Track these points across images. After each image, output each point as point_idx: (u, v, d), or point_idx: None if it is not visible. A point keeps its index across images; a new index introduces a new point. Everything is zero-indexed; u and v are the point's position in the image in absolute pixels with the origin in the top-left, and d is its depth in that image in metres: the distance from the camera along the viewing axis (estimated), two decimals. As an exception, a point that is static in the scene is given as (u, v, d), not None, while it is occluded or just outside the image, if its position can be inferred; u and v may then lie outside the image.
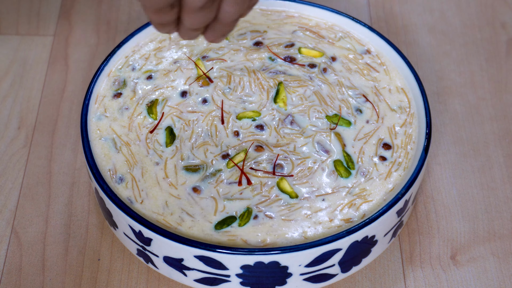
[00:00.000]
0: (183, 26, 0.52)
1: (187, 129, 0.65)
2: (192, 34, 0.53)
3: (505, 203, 0.70)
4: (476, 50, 0.82)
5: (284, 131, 0.65)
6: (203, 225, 0.60)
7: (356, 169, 0.63)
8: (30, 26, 0.83)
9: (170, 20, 0.51)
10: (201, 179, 0.62)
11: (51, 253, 0.66)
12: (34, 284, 0.64)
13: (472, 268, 0.65)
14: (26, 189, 0.70)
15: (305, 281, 0.60)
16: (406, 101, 0.67)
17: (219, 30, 0.53)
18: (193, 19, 0.51)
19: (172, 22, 0.52)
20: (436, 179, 0.71)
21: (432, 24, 0.84)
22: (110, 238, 0.67)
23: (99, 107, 0.66)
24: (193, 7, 0.50)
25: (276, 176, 0.62)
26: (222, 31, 0.53)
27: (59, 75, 0.79)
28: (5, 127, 0.75)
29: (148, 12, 0.51)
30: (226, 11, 0.51)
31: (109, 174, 0.62)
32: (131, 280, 0.64)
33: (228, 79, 0.68)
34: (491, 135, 0.74)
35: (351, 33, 0.72)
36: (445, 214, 0.69)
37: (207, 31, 0.53)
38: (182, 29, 0.53)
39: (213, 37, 0.54)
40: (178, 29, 0.53)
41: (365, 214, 0.60)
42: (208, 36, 0.54)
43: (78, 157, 0.72)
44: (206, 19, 0.51)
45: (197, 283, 0.60)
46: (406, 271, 0.65)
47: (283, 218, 0.60)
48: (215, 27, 0.53)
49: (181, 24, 0.52)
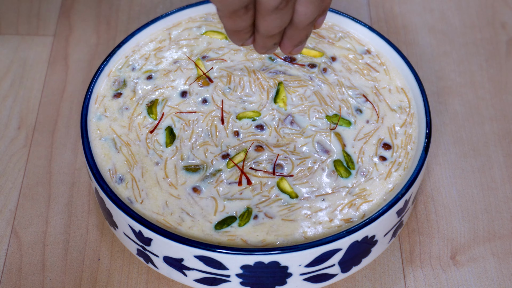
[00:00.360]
0: (258, 33, 0.51)
1: (187, 129, 0.65)
2: (268, 42, 0.52)
3: (505, 203, 0.70)
4: (476, 50, 0.82)
5: (284, 131, 0.65)
6: (203, 225, 0.60)
7: (356, 169, 0.63)
8: (30, 26, 0.83)
9: (245, 25, 0.50)
10: (201, 179, 0.62)
11: (51, 253, 0.66)
12: (34, 284, 0.64)
13: (472, 268, 0.65)
14: (26, 189, 0.70)
15: (305, 281, 0.60)
16: (406, 101, 0.67)
17: (295, 37, 0.52)
18: (268, 22, 0.50)
19: (247, 29, 0.51)
20: (436, 179, 0.71)
21: (432, 24, 0.84)
22: (110, 238, 0.67)
23: (99, 107, 0.66)
24: (268, 7, 0.48)
25: (276, 176, 0.62)
26: (298, 37, 0.52)
27: (59, 75, 0.79)
28: (5, 127, 0.75)
29: (222, 17, 0.50)
30: (300, 13, 0.50)
31: (109, 174, 0.62)
32: (131, 280, 0.64)
33: (228, 79, 0.68)
34: (491, 135, 0.74)
35: (351, 33, 0.72)
36: (445, 214, 0.69)
37: (283, 40, 0.53)
38: (257, 37, 0.52)
39: (290, 46, 0.53)
40: (254, 39, 0.52)
41: (365, 214, 0.60)
42: (285, 46, 0.53)
43: (78, 157, 0.72)
44: (282, 22, 0.50)
45: (197, 283, 0.60)
46: (406, 271, 0.65)
47: (283, 218, 0.60)
48: (291, 34, 0.52)
49: (257, 32, 0.51)
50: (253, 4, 0.49)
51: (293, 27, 0.51)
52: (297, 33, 0.52)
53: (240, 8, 0.48)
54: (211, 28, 0.72)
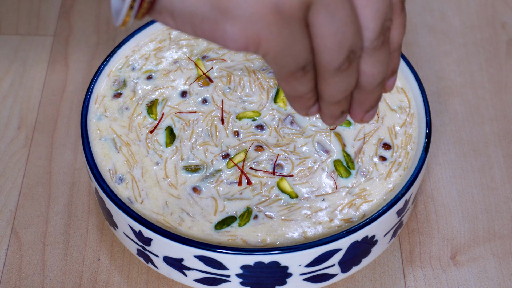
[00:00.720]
0: (322, 100, 0.46)
1: (187, 129, 0.65)
2: (335, 110, 0.47)
3: (505, 203, 0.70)
4: (476, 50, 0.82)
5: (284, 131, 0.65)
6: (203, 225, 0.60)
7: (356, 169, 0.63)
8: (30, 26, 0.83)
9: (305, 90, 0.45)
10: (201, 179, 0.62)
11: (51, 253, 0.66)
12: (34, 284, 0.64)
13: (472, 268, 0.65)
14: (26, 189, 0.70)
15: (305, 281, 0.60)
16: (406, 101, 0.67)
17: (364, 102, 0.47)
18: (331, 85, 0.44)
19: (309, 95, 0.45)
20: (436, 179, 0.71)
21: (432, 24, 0.84)
22: (110, 238, 0.67)
23: (99, 107, 0.66)
24: (330, 68, 0.43)
25: (276, 176, 0.62)
26: (368, 102, 0.47)
27: (59, 75, 0.79)
28: (5, 127, 0.75)
29: (280, 80, 0.45)
30: (367, 74, 0.45)
31: (109, 174, 0.62)
32: (131, 280, 0.64)
33: (228, 79, 0.68)
34: (491, 135, 0.74)
35: (351, 33, 0.72)
36: (445, 214, 0.69)
37: (352, 106, 0.47)
38: (322, 105, 0.47)
39: (361, 112, 0.48)
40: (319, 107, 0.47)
41: (365, 214, 0.60)
42: (355, 113, 0.48)
43: (78, 157, 0.72)
44: (347, 85, 0.45)
45: (197, 283, 0.60)
46: (406, 271, 0.65)
47: (283, 218, 0.60)
48: (359, 98, 0.47)
49: (321, 99, 0.46)
50: (312, 65, 0.44)
51: (360, 91, 0.46)
52: (366, 97, 0.47)
53: (297, 70, 0.43)
54: (211, 28, 0.72)
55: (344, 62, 0.43)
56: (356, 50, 0.44)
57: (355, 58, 0.44)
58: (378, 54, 0.45)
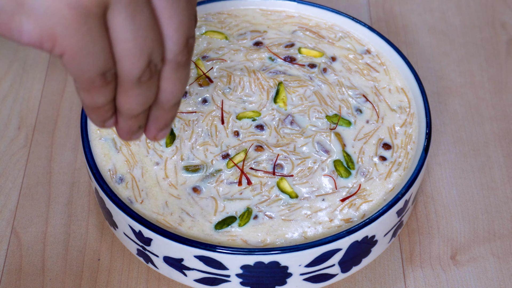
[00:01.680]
0: (120, 113, 0.46)
1: (187, 129, 0.65)
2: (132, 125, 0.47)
3: (505, 203, 0.70)
4: (476, 50, 0.82)
5: (284, 131, 0.65)
6: (203, 225, 0.60)
7: (356, 169, 0.63)
8: (30, 26, 0.83)
9: (105, 101, 0.44)
10: (201, 179, 0.62)
11: (51, 253, 0.66)
12: (34, 284, 0.64)
13: (472, 268, 0.65)
14: (26, 189, 0.70)
15: (305, 281, 0.60)
16: (406, 101, 0.67)
17: (161, 119, 0.47)
18: (130, 97, 0.44)
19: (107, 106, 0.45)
20: (436, 179, 0.71)
21: (432, 24, 0.84)
22: (110, 238, 0.67)
23: (99, 107, 0.66)
24: (130, 78, 0.43)
25: (276, 176, 0.62)
26: (164, 120, 0.48)
27: (59, 75, 0.79)
28: (5, 127, 0.75)
29: (79, 89, 0.44)
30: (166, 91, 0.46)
31: (109, 174, 0.62)
32: (131, 280, 0.64)
33: (228, 79, 0.68)
34: (491, 135, 0.74)
35: (351, 33, 0.72)
36: (445, 214, 0.69)
37: (148, 123, 0.48)
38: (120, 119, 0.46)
39: (155, 129, 0.48)
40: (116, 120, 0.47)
41: (365, 214, 0.60)
42: (150, 130, 0.48)
43: (78, 157, 0.72)
44: (145, 99, 0.45)
45: (197, 283, 0.60)
46: (406, 271, 0.65)
47: (283, 218, 0.60)
48: (156, 115, 0.47)
49: (119, 113, 0.46)
50: (113, 75, 0.43)
51: (158, 108, 0.47)
52: (163, 114, 0.47)
53: (97, 76, 0.43)
54: (211, 28, 0.72)
55: (145, 71, 0.43)
56: (157, 60, 0.44)
57: (156, 71, 0.44)
58: (181, 71, 0.45)
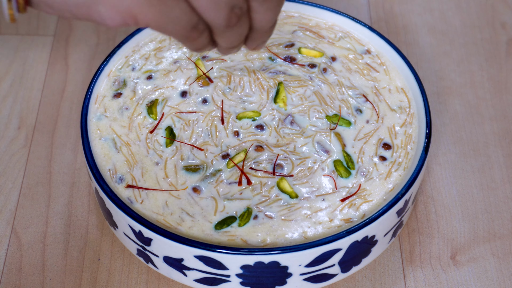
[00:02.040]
0: (219, 46, 0.50)
1: (187, 129, 0.65)
2: (231, 51, 0.51)
3: (505, 203, 0.70)
4: (476, 50, 0.82)
5: (284, 131, 0.65)
6: (203, 225, 0.60)
7: (356, 169, 0.63)
8: (30, 26, 0.83)
9: (205, 43, 0.49)
10: (201, 179, 0.62)
11: (51, 253, 0.66)
12: (34, 284, 0.64)
13: (472, 268, 0.65)
14: (26, 189, 0.70)
15: (305, 281, 0.60)
16: (406, 101, 0.67)
17: (259, 39, 0.51)
18: (226, 38, 0.48)
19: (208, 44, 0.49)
20: (436, 179, 0.71)
21: (432, 24, 0.84)
22: (110, 238, 0.67)
23: (99, 107, 0.66)
24: (220, 27, 0.47)
25: (276, 176, 0.62)
26: (262, 39, 0.51)
27: (59, 75, 0.79)
28: (5, 127, 0.75)
29: (181, 41, 0.48)
30: (261, 20, 0.49)
31: (109, 174, 0.62)
32: (131, 280, 0.64)
33: (228, 79, 0.68)
34: (491, 135, 0.74)
35: (351, 33, 0.72)
36: (445, 214, 0.69)
37: (247, 41, 0.51)
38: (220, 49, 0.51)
39: (255, 46, 0.52)
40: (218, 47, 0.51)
41: (365, 214, 0.60)
42: (250, 46, 0.52)
43: (78, 157, 0.72)
44: (240, 35, 0.49)
45: (197, 283, 0.60)
46: (406, 271, 0.65)
47: (283, 218, 0.60)
48: (254, 36, 0.51)
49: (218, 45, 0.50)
50: (205, 25, 0.47)
51: (255, 32, 0.50)
52: (260, 36, 0.51)
53: (189, 31, 0.47)
54: (211, 28, 0.72)
55: (230, 17, 0.46)
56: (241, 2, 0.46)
57: (242, 12, 0.47)
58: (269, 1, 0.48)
